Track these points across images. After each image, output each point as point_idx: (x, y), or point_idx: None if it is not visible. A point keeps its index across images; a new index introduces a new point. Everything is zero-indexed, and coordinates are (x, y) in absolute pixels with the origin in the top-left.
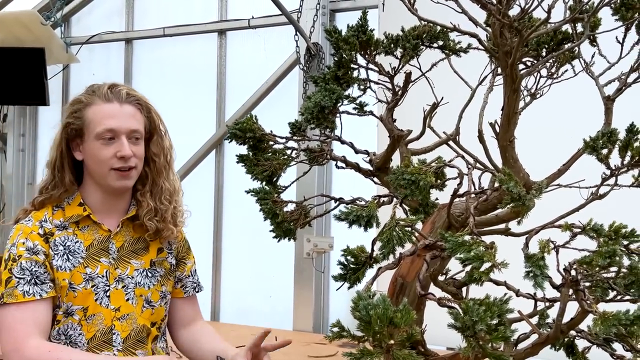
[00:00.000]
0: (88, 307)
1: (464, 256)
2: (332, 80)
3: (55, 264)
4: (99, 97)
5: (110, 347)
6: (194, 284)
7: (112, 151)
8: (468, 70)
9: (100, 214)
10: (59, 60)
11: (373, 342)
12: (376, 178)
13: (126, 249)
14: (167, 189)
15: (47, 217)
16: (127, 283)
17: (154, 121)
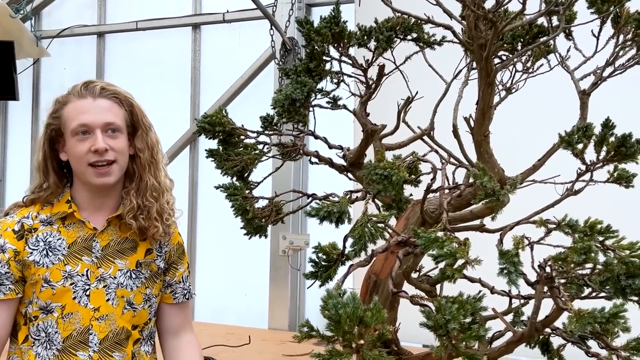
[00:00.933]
0: (66, 305)
1: (436, 253)
2: (304, 72)
3: (33, 259)
4: (73, 95)
5: (86, 348)
6: (185, 291)
7: (87, 146)
8: (443, 64)
9: (87, 212)
10: (29, 54)
11: (343, 342)
12: (350, 173)
13: (111, 248)
14: (153, 185)
15: (32, 213)
16: (108, 283)
17: (136, 115)
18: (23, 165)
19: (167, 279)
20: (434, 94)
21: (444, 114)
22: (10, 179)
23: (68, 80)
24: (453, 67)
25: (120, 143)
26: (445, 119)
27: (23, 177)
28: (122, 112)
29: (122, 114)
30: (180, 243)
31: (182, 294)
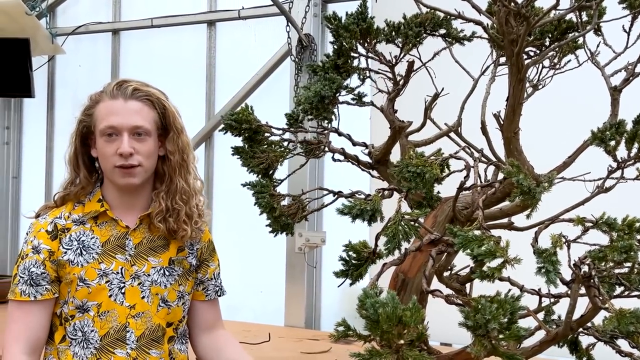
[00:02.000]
0: (102, 303)
1: (475, 252)
2: (331, 69)
3: (67, 258)
4: (106, 94)
5: (124, 345)
6: (217, 288)
7: (114, 148)
8: (469, 60)
9: (118, 211)
10: (45, 51)
11: (381, 341)
12: (375, 171)
13: (144, 245)
14: (183, 188)
15: (64, 213)
16: (143, 280)
17: (169, 117)
18: (38, 162)
19: (199, 276)
20: (459, 90)
21: (469, 110)
22: (25, 176)
23: (83, 78)
24: (478, 64)
25: (147, 146)
26: (470, 116)
27: (38, 174)
28: (152, 114)
29: (152, 116)
30: (211, 240)
31: (214, 290)
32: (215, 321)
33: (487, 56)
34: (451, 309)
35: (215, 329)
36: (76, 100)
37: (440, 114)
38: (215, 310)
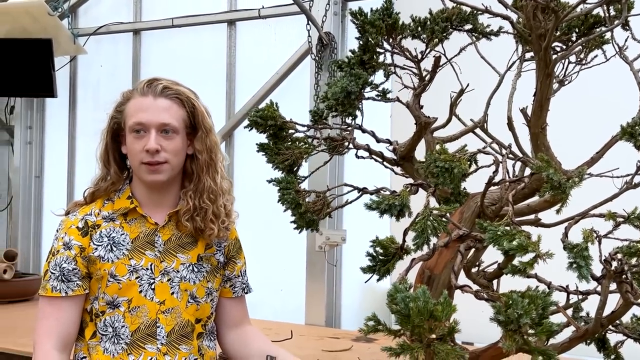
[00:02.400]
0: (132, 299)
1: (506, 246)
2: (357, 65)
3: (98, 254)
4: (137, 91)
5: (154, 341)
6: (243, 285)
7: (142, 145)
8: (493, 56)
9: (147, 208)
10: (67, 51)
11: (412, 336)
12: (400, 167)
13: (173, 242)
14: (211, 187)
15: (94, 210)
16: (172, 277)
17: (197, 116)
18: (60, 161)
19: (227, 273)
20: (483, 86)
21: (494, 107)
22: (47, 175)
23: (104, 78)
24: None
25: (174, 144)
26: (495, 112)
27: (60, 174)
28: (181, 112)
29: (181, 114)
30: (237, 238)
31: (241, 287)
32: (242, 317)
33: (513, 52)
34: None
35: (242, 325)
36: (97, 100)
37: (464, 110)
38: (242, 307)
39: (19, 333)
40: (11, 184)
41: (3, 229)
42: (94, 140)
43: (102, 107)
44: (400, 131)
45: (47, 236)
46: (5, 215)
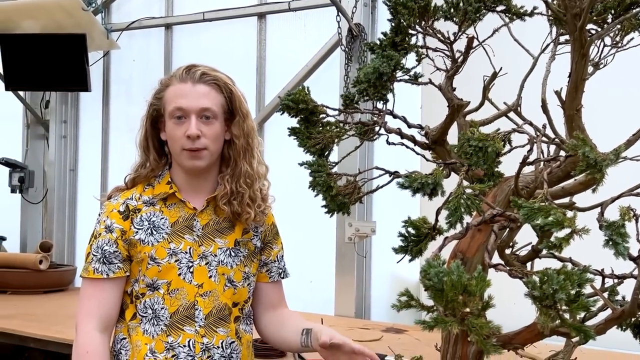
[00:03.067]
0: (171, 281)
1: (541, 222)
2: (389, 47)
3: (138, 237)
4: (175, 78)
5: (193, 323)
6: (280, 270)
7: (182, 130)
8: (526, 38)
9: (186, 193)
10: (100, 46)
11: (445, 311)
12: (432, 151)
13: (211, 227)
14: (247, 172)
15: (135, 195)
16: (210, 260)
17: (235, 102)
18: (94, 154)
19: (263, 258)
20: (516, 69)
21: (527, 90)
22: (81, 169)
23: (137, 72)
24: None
25: (214, 129)
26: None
27: (94, 167)
28: (220, 98)
29: (219, 100)
30: (274, 224)
31: (277, 272)
32: (279, 300)
33: (547, 35)
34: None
35: (279, 307)
36: (130, 94)
37: (497, 94)
38: (278, 291)
39: (53, 321)
40: (46, 177)
41: (39, 221)
42: (127, 133)
43: (135, 101)
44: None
45: (81, 228)
46: (40, 207)
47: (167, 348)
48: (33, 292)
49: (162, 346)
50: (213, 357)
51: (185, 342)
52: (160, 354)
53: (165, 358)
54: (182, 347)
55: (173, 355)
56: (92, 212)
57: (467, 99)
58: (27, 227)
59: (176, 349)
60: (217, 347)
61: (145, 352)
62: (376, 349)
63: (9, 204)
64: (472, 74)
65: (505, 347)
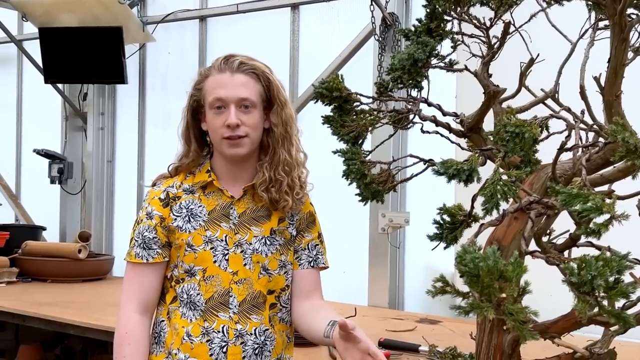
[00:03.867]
0: (207, 268)
1: (580, 207)
2: (424, 33)
3: (176, 224)
4: (214, 68)
5: (227, 309)
6: (310, 258)
7: (222, 120)
8: (564, 24)
9: (225, 181)
10: (136, 39)
11: (481, 296)
12: (467, 139)
13: (247, 215)
14: (286, 160)
15: (176, 183)
16: (245, 248)
17: (273, 90)
18: (131, 146)
19: (295, 245)
20: (554, 55)
21: (565, 76)
22: (118, 160)
23: (173, 64)
24: (572, 27)
25: (253, 118)
26: (566, 82)
27: (131, 158)
28: (258, 87)
29: (258, 89)
30: (312, 212)
31: (307, 260)
32: (312, 289)
33: (585, 20)
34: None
35: (313, 297)
36: (166, 86)
37: (534, 81)
38: (310, 280)
39: (92, 308)
40: (85, 168)
41: (77, 212)
42: (163, 124)
43: (170, 93)
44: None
45: (119, 218)
46: (79, 198)
47: (203, 332)
48: (72, 280)
49: (199, 330)
50: (246, 343)
51: (220, 328)
52: (196, 337)
53: (200, 342)
54: (217, 332)
55: (208, 340)
56: (129, 202)
57: (503, 86)
58: (66, 217)
59: (211, 334)
60: (250, 334)
61: (183, 335)
62: (410, 339)
63: (48, 195)
64: (509, 60)
65: (541, 335)
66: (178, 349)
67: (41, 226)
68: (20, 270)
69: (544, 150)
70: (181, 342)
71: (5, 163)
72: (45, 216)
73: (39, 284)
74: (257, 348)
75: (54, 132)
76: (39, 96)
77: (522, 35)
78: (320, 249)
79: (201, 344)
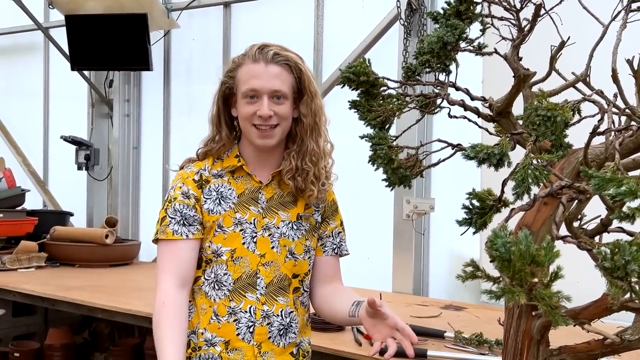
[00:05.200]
0: (236, 249)
1: (613, 192)
2: (453, 15)
3: (207, 207)
4: (248, 57)
5: (254, 290)
6: (334, 245)
7: (254, 109)
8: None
9: (253, 166)
10: (161, 26)
11: (513, 280)
12: (497, 123)
13: (275, 200)
14: (314, 150)
15: (207, 166)
16: (272, 232)
17: (304, 81)
18: (156, 132)
19: (320, 232)
20: (585, 38)
21: (597, 59)
22: (144, 146)
23: (197, 51)
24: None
25: (284, 109)
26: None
27: (156, 145)
28: (290, 78)
29: (290, 80)
30: (334, 200)
31: (331, 247)
32: (333, 275)
33: (618, 2)
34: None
35: (334, 282)
36: (190, 72)
37: (565, 64)
38: (333, 266)
39: (119, 293)
40: (111, 154)
41: (104, 198)
42: (187, 111)
43: (195, 79)
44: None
45: (145, 204)
46: (105, 184)
47: (230, 312)
48: (99, 265)
49: (225, 310)
50: (272, 324)
51: (247, 308)
52: (222, 317)
53: (227, 322)
54: (244, 312)
55: (235, 320)
56: (154, 188)
57: (533, 70)
58: (93, 203)
59: (238, 314)
60: (276, 315)
61: (211, 315)
62: (435, 325)
63: (76, 181)
64: (539, 43)
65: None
66: (205, 329)
67: (69, 212)
68: (48, 255)
69: (575, 134)
70: (208, 321)
71: (33, 150)
72: (72, 202)
73: (67, 268)
74: (282, 329)
75: (81, 119)
76: (66, 83)
77: (552, 18)
78: (342, 236)
79: (228, 324)
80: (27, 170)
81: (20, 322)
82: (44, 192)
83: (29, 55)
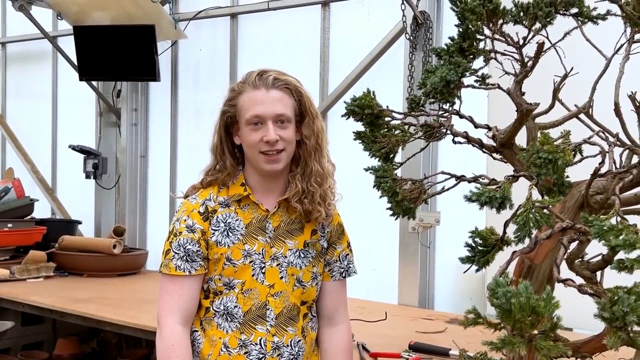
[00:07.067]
0: (245, 281)
1: (613, 242)
2: (456, 52)
3: (215, 239)
4: (248, 84)
5: (264, 322)
6: (342, 269)
7: (259, 136)
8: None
9: (259, 194)
10: (168, 36)
11: (513, 331)
12: (500, 154)
13: (282, 228)
14: (318, 171)
15: (212, 195)
16: (280, 262)
17: (304, 104)
18: (163, 142)
19: (327, 257)
20: (588, 70)
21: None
22: (151, 156)
23: (204, 61)
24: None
25: (289, 132)
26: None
27: (163, 154)
28: (291, 101)
29: (291, 103)
30: (340, 223)
31: (339, 272)
32: (338, 307)
33: (621, 34)
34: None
35: (338, 318)
36: (198, 82)
37: (568, 96)
38: (339, 293)
39: (127, 305)
40: (119, 163)
41: (112, 206)
42: (194, 120)
43: (202, 89)
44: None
45: (152, 213)
46: (113, 193)
47: (240, 345)
48: (107, 275)
49: (236, 342)
50: (282, 355)
51: (257, 341)
52: (233, 349)
53: (238, 354)
54: (254, 345)
55: (245, 352)
56: (162, 197)
57: (536, 101)
58: (101, 212)
59: (248, 347)
60: (286, 346)
61: (221, 347)
62: (440, 341)
63: (84, 190)
64: (542, 74)
65: (573, 355)
66: None
67: (77, 220)
68: (57, 265)
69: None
70: (219, 353)
71: (41, 157)
72: (80, 210)
73: (75, 278)
74: (292, 359)
75: (89, 127)
76: (74, 92)
77: (556, 50)
78: (350, 257)
79: (239, 356)
80: (35, 177)
81: (29, 331)
82: (52, 200)
83: (38, 64)
